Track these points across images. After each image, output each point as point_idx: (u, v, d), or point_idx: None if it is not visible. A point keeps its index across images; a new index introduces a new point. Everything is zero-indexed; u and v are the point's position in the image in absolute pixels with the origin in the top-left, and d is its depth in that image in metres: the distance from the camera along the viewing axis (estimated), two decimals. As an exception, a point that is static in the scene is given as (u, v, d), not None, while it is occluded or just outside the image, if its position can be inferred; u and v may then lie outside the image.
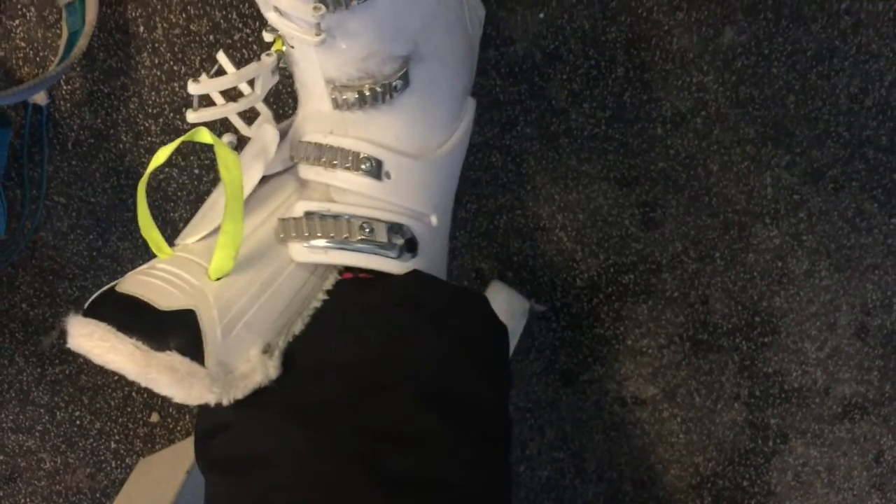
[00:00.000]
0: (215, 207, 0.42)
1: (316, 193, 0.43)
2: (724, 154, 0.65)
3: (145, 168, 0.62)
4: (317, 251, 0.42)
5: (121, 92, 0.61)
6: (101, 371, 0.66)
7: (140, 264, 0.63)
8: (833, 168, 0.65)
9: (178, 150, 0.61)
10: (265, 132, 0.44)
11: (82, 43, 0.56)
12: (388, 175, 0.43)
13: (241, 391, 0.38)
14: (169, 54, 0.60)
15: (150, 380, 0.35)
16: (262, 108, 0.46)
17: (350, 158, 0.42)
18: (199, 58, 0.61)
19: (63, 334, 0.64)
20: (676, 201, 0.66)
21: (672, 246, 0.67)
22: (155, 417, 0.68)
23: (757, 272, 0.68)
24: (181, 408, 0.68)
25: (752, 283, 0.68)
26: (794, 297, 0.69)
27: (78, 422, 0.68)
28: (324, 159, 0.42)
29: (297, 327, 0.41)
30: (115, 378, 0.67)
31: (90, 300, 0.38)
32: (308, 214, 0.42)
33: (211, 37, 0.60)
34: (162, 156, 0.41)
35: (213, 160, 0.62)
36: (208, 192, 0.63)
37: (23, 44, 0.60)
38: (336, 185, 0.43)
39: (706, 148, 0.65)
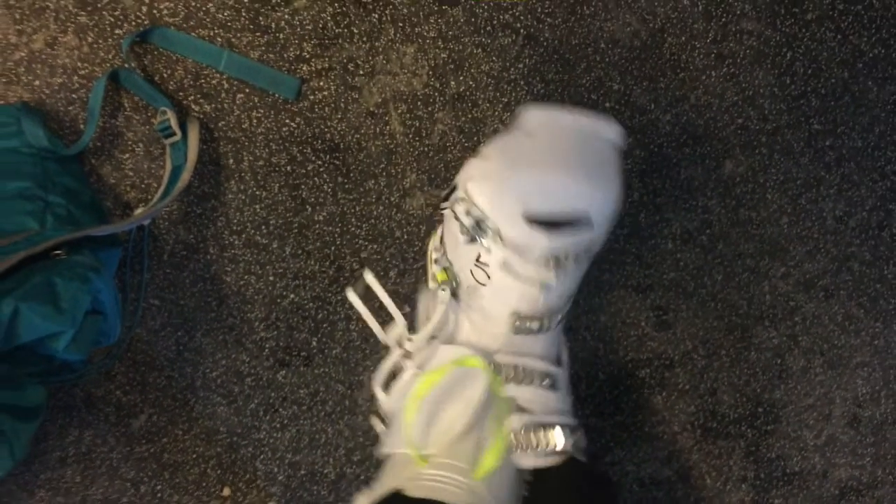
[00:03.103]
0: (453, 425, 0.48)
1: (516, 408, 0.50)
2: (727, 266, 0.73)
3: (229, 276, 0.71)
4: (538, 458, 0.48)
5: (210, 212, 0.71)
6: (182, 450, 0.75)
7: (220, 358, 0.72)
8: (823, 279, 0.74)
9: (257, 262, 0.71)
10: (478, 379, 0.50)
11: (185, 178, 0.66)
12: (558, 386, 0.51)
13: None
14: (252, 182, 0.71)
15: None
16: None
17: (537, 376, 0.50)
18: (277, 184, 0.71)
19: (150, 417, 0.73)
20: (686, 306, 0.74)
21: (683, 344, 0.75)
22: (227, 491, 0.76)
23: (759, 368, 0.75)
24: (251, 483, 0.76)
25: (755, 377, 0.75)
26: (793, 391, 0.76)
27: (159, 495, 0.75)
28: (518, 378, 0.50)
29: None
30: (194, 456, 0.75)
31: (383, 500, 0.43)
32: (532, 430, 0.49)
33: (288, 167, 0.71)
34: (434, 378, 0.49)
35: (286, 268, 0.72)
36: (281, 296, 0.72)
37: (131, 173, 0.70)
38: (527, 398, 0.50)
39: (711, 261, 0.73)
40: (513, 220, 0.49)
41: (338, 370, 0.73)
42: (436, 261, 0.55)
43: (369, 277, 0.56)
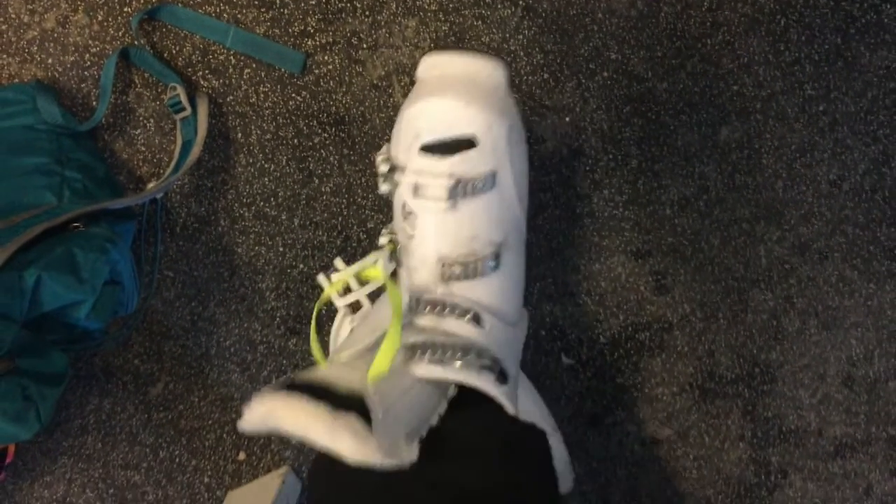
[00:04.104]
0: (365, 337, 0.52)
1: (431, 332, 0.52)
2: (724, 230, 0.75)
3: (240, 247, 0.74)
4: (434, 367, 0.50)
5: (220, 186, 0.73)
6: (198, 416, 0.78)
7: (233, 327, 0.75)
8: (818, 242, 0.76)
9: (267, 234, 0.73)
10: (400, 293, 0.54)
11: (196, 152, 0.68)
12: (484, 325, 0.52)
13: (393, 463, 0.45)
14: (261, 155, 0.73)
15: (334, 437, 0.42)
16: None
17: (458, 310, 0.52)
18: (285, 157, 0.73)
19: (167, 385, 0.75)
20: (684, 270, 0.76)
21: (681, 308, 0.77)
22: (242, 456, 0.79)
23: (755, 330, 0.77)
24: (265, 447, 0.78)
25: (752, 339, 0.77)
26: (789, 351, 0.78)
27: (177, 460, 0.78)
28: (437, 310, 0.52)
29: (424, 431, 0.48)
30: (210, 422, 0.78)
31: (277, 385, 0.46)
32: (431, 342, 0.50)
33: (295, 140, 0.73)
34: (335, 287, 0.52)
35: (295, 239, 0.74)
36: (291, 266, 0.75)
37: (143, 148, 0.72)
38: (445, 328, 0.52)
39: (708, 226, 0.75)
40: (410, 152, 0.53)
41: (347, 337, 0.75)
42: (384, 234, 0.59)
43: (338, 263, 0.59)
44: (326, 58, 0.71)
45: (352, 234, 0.74)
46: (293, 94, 0.72)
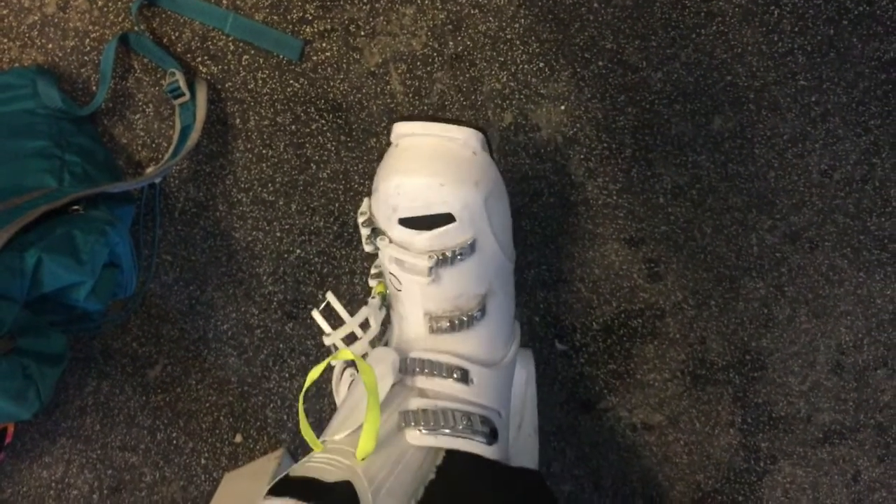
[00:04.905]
0: (353, 414, 0.52)
1: (421, 395, 0.54)
2: (716, 219, 0.76)
3: (238, 232, 0.74)
4: (427, 436, 0.51)
5: (219, 171, 0.74)
6: (195, 399, 0.79)
7: (230, 311, 0.75)
8: (809, 231, 0.76)
9: (265, 219, 0.74)
10: (388, 354, 0.55)
11: (194, 137, 0.69)
12: (472, 381, 0.54)
13: None
14: (259, 141, 0.73)
15: None
16: (364, 340, 0.58)
17: (445, 369, 0.53)
18: (283, 143, 0.74)
19: (164, 368, 0.76)
20: (677, 258, 0.77)
21: (674, 295, 0.78)
22: (239, 438, 0.80)
23: (746, 317, 0.78)
24: (261, 430, 0.79)
25: (743, 326, 0.78)
26: (779, 339, 0.79)
27: (174, 441, 0.78)
28: (426, 371, 0.53)
29: (419, 495, 0.49)
30: (207, 405, 0.78)
31: (271, 486, 0.46)
32: (423, 410, 0.52)
33: (293, 126, 0.73)
34: (315, 374, 0.52)
35: (292, 224, 0.75)
36: (288, 251, 0.75)
37: (142, 133, 0.73)
38: (435, 389, 0.54)
39: (701, 214, 0.76)
40: (391, 224, 0.54)
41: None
42: (373, 276, 0.60)
43: (331, 297, 0.60)
44: (324, 45, 0.72)
45: (348, 219, 0.75)
46: (291, 81, 0.72)
